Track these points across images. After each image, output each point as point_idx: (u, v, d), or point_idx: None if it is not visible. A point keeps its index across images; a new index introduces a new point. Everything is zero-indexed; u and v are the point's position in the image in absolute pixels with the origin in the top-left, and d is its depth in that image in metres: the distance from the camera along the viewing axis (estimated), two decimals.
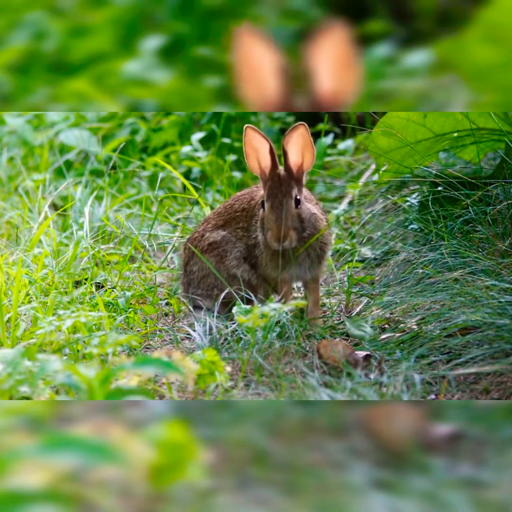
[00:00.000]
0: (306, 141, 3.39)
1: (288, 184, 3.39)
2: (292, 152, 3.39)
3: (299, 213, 3.40)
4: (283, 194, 3.38)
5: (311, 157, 3.41)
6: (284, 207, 3.37)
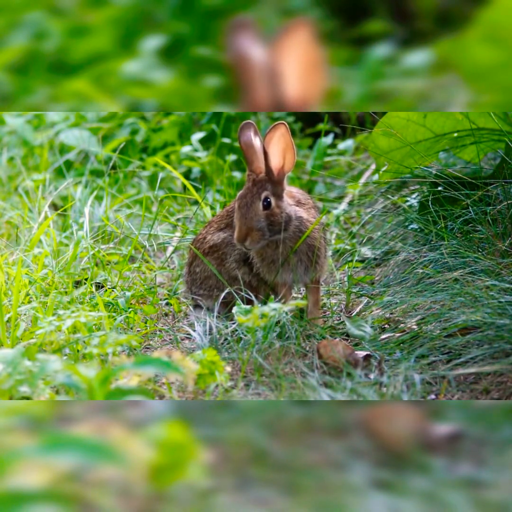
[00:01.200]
0: (287, 141, 3.38)
1: (261, 185, 3.40)
2: (273, 154, 3.39)
3: (268, 215, 3.39)
4: (252, 195, 3.39)
5: (292, 158, 3.41)
6: (249, 207, 3.37)
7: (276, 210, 3.40)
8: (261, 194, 3.39)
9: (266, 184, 3.40)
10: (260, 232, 3.38)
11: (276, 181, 3.41)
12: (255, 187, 3.40)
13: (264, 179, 3.40)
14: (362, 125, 5.60)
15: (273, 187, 3.41)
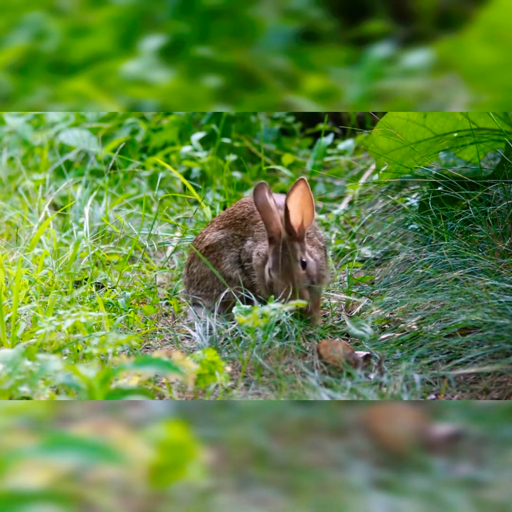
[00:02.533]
0: (307, 197, 3.36)
1: (292, 246, 3.35)
2: (293, 211, 3.35)
3: (307, 273, 3.36)
4: (288, 258, 3.34)
5: (311, 214, 3.38)
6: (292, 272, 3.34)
7: (309, 264, 3.37)
8: (297, 256, 3.34)
9: (295, 244, 3.36)
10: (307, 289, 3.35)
11: (299, 237, 3.37)
12: (287, 249, 3.35)
13: (290, 238, 3.36)
14: (362, 125, 5.60)
15: (300, 244, 3.37)
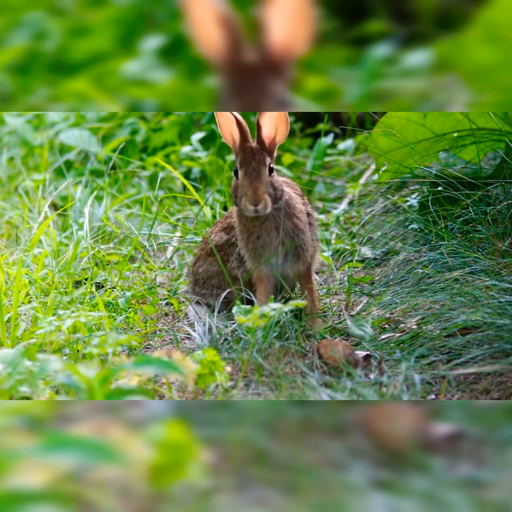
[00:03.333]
0: (282, 117, 3.42)
1: (261, 153, 3.41)
2: (265, 125, 3.42)
3: (272, 181, 3.41)
4: (257, 162, 3.40)
5: (284, 130, 3.43)
6: (258, 172, 3.39)
7: (275, 178, 3.43)
8: (265, 160, 3.41)
9: (264, 152, 3.42)
10: (270, 197, 3.39)
11: (268, 151, 3.43)
12: (256, 154, 3.41)
13: (261, 148, 3.42)
14: (362, 125, 5.60)
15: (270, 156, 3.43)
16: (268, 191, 3.39)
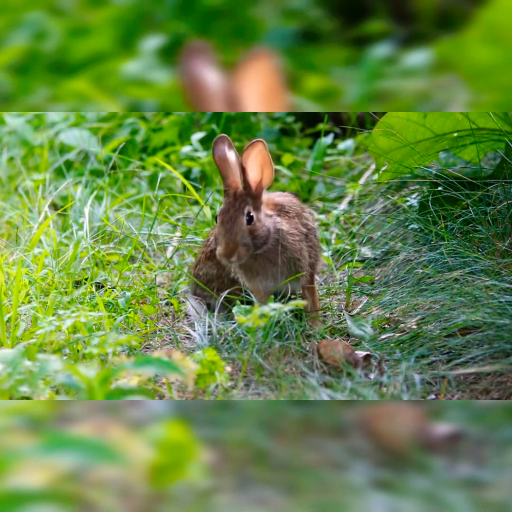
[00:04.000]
0: (265, 158, 3.36)
1: (242, 200, 3.37)
2: (251, 169, 3.37)
3: (251, 230, 3.36)
4: (235, 210, 3.36)
5: (270, 174, 3.39)
6: (233, 222, 3.35)
7: (258, 224, 3.38)
8: (244, 209, 3.36)
9: (247, 198, 3.37)
10: (246, 247, 3.35)
11: (255, 195, 3.39)
12: (237, 201, 3.37)
13: (244, 193, 3.38)
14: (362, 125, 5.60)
15: (253, 201, 3.39)
16: (244, 241, 3.35)
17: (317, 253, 3.57)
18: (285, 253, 3.43)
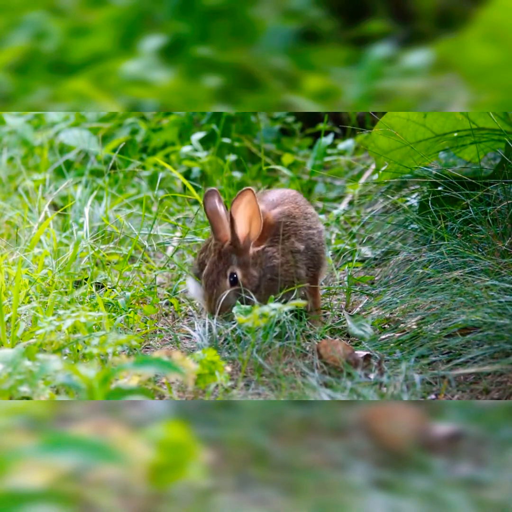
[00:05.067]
0: (254, 208, 3.33)
1: (226, 259, 3.35)
2: (239, 221, 3.34)
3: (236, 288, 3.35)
4: (218, 272, 3.35)
5: (258, 225, 3.36)
6: (216, 286, 3.35)
7: (244, 281, 3.36)
8: (227, 271, 3.35)
9: (232, 257, 3.35)
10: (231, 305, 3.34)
11: (242, 249, 3.37)
12: (221, 261, 3.35)
13: (230, 250, 3.36)
14: (362, 125, 5.60)
15: (239, 257, 3.36)
16: (228, 303, 3.33)
17: (320, 257, 3.55)
18: (280, 283, 3.43)
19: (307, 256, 3.49)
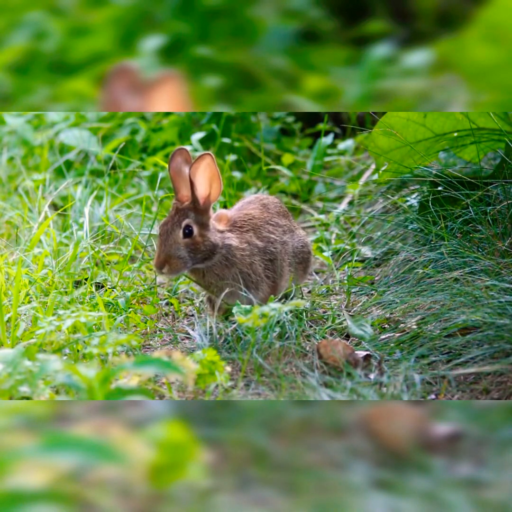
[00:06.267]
0: (213, 171, 3.36)
1: (183, 213, 3.38)
2: (199, 183, 3.37)
3: (189, 243, 3.37)
4: (173, 223, 3.37)
5: (218, 188, 3.39)
6: (169, 235, 3.36)
7: (198, 238, 3.37)
8: (182, 222, 3.37)
9: (189, 213, 3.38)
10: (180, 260, 3.35)
11: (202, 209, 3.39)
12: (177, 215, 3.38)
13: (188, 208, 3.38)
14: (362, 125, 5.60)
15: (197, 216, 3.38)
16: (178, 254, 3.35)
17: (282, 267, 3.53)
18: (234, 268, 3.43)
19: (265, 256, 3.49)
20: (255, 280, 3.46)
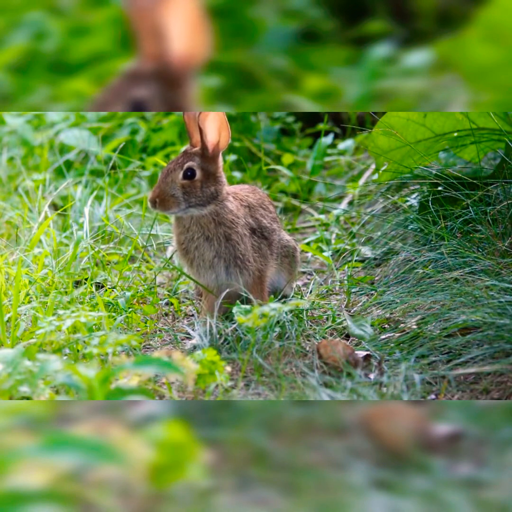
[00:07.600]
0: (222, 120, 3.40)
1: (189, 156, 3.41)
2: (209, 130, 3.40)
3: (186, 185, 3.38)
4: (176, 163, 3.40)
5: (226, 136, 3.42)
6: (169, 173, 3.38)
7: (198, 183, 3.39)
8: (185, 164, 3.39)
9: (195, 157, 3.41)
10: (173, 199, 3.37)
11: (210, 157, 3.41)
12: (183, 157, 3.42)
13: (196, 152, 3.42)
14: (362, 125, 5.60)
15: (204, 162, 3.41)
16: (173, 193, 3.37)
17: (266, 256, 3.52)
18: (221, 228, 3.43)
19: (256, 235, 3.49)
20: (243, 253, 3.44)
